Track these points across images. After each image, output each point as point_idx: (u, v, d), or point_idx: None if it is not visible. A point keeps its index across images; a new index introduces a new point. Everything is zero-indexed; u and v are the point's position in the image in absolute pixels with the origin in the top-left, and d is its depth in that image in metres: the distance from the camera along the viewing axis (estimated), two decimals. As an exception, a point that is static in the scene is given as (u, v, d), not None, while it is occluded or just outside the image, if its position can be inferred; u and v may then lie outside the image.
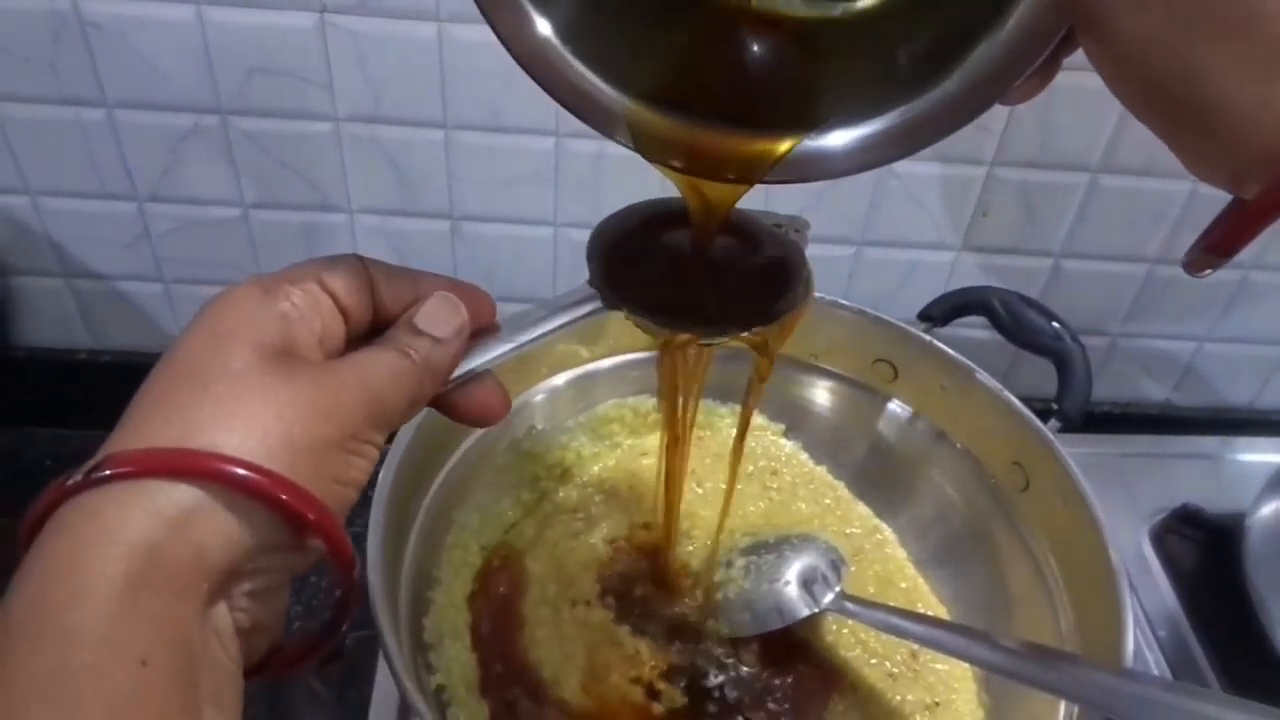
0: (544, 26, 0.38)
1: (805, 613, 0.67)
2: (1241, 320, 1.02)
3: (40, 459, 1.00)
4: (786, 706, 0.67)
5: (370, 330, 0.41)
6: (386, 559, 0.60)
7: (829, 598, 0.68)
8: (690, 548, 0.74)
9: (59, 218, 0.93)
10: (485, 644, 0.68)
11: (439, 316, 0.41)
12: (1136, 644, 0.74)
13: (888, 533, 0.79)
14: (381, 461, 0.62)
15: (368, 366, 0.38)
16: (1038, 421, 0.71)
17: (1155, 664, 0.79)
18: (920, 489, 0.79)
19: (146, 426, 0.34)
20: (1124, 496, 0.92)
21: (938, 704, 0.68)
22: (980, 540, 0.74)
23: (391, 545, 0.62)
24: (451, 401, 0.43)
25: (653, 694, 0.67)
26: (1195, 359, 1.05)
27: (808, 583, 0.68)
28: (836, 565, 0.70)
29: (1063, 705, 0.61)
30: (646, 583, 0.73)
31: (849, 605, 0.67)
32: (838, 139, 0.38)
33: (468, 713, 0.63)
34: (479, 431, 0.75)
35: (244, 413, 0.34)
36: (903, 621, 0.65)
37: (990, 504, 0.74)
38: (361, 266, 0.41)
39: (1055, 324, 0.75)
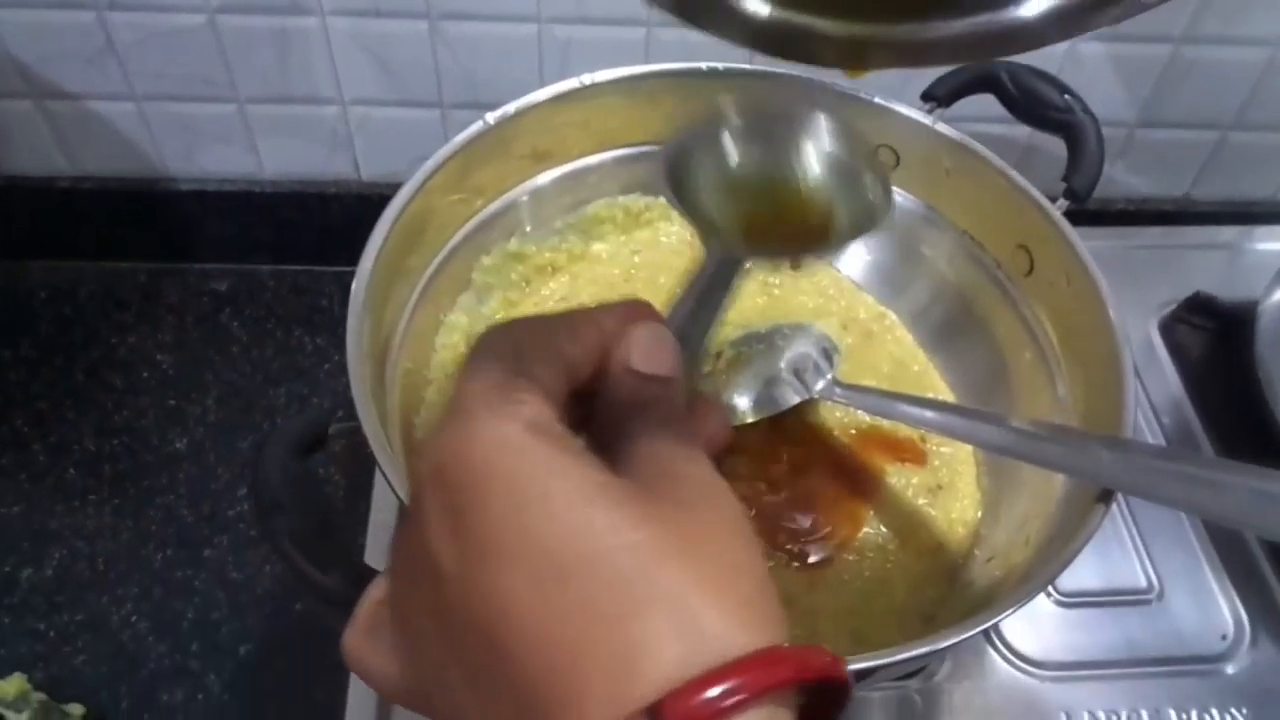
0: None
1: (796, 399, 0.66)
2: (1269, 106, 0.96)
3: (34, 290, 0.99)
4: (784, 495, 0.67)
5: None
6: (370, 354, 0.59)
7: (820, 384, 0.67)
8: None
9: (17, 31, 0.88)
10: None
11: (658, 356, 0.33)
12: (1139, 430, 0.74)
13: (894, 317, 0.77)
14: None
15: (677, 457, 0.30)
16: (1044, 200, 0.68)
17: (1158, 447, 0.79)
18: (922, 275, 0.77)
19: (612, 651, 0.24)
20: (1134, 289, 0.88)
21: (940, 487, 0.68)
22: (982, 324, 0.72)
23: (375, 345, 0.61)
24: None
25: None
26: (1217, 150, 1.00)
27: (799, 371, 0.67)
28: (829, 353, 0.69)
29: (1060, 483, 0.60)
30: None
31: (840, 391, 0.66)
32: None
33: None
34: (461, 234, 0.73)
35: (709, 589, 0.25)
36: (896, 404, 0.64)
37: (993, 288, 0.72)
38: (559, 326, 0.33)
39: (1067, 96, 0.71)
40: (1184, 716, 0.67)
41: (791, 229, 0.50)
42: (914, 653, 0.47)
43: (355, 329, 0.58)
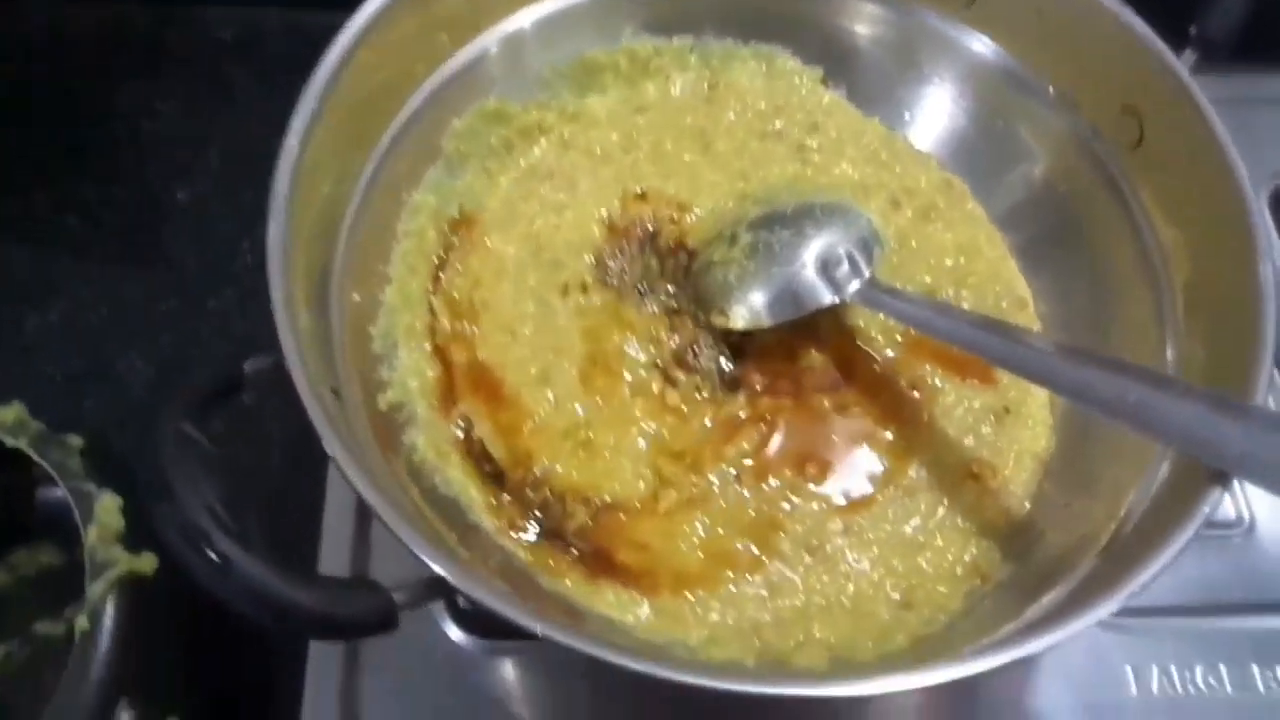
0: None
1: (823, 302, 0.54)
2: None
3: (32, 35, 0.90)
4: (807, 417, 0.56)
5: None
6: (305, 254, 0.47)
7: (854, 286, 0.54)
8: (695, 217, 0.61)
9: None
10: (449, 349, 0.56)
11: None
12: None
13: (964, 186, 0.63)
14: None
15: None
16: (1163, 47, 0.53)
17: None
18: (1000, 147, 0.62)
19: None
20: (1245, 151, 0.74)
21: (1008, 410, 0.56)
22: (1073, 216, 0.59)
23: (312, 240, 0.49)
24: None
25: (669, 380, 0.56)
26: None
27: (829, 266, 0.55)
28: (868, 244, 0.56)
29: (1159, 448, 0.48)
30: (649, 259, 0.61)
31: (880, 295, 0.54)
32: None
33: (429, 436, 0.52)
34: (427, 89, 0.59)
35: None
36: (949, 321, 0.51)
37: (1088, 165, 0.58)
38: None
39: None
40: (1270, 673, 0.58)
41: None
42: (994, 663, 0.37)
43: (280, 215, 0.46)
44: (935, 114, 0.64)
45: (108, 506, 0.56)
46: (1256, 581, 0.61)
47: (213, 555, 0.33)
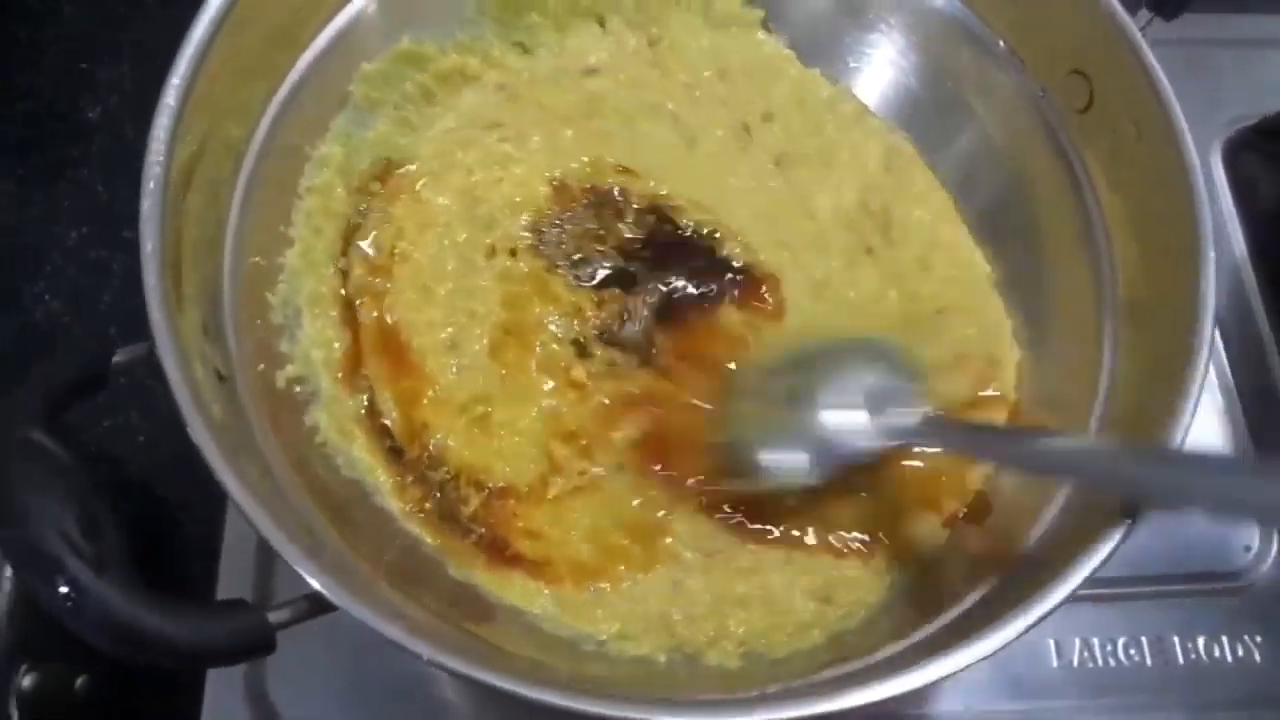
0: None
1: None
2: None
3: None
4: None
5: None
6: (190, 214, 0.44)
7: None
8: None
9: None
10: (359, 308, 0.53)
11: None
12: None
13: (910, 149, 0.60)
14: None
15: None
16: (1117, 6, 0.50)
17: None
18: (945, 106, 0.59)
19: None
20: (1197, 99, 0.71)
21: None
22: (1020, 182, 0.56)
23: (200, 194, 0.45)
24: None
25: (583, 353, 0.54)
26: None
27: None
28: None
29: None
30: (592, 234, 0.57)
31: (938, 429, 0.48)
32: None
33: (332, 413, 0.49)
34: (332, 29, 0.54)
35: None
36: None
37: (1035, 129, 0.55)
38: None
39: None
40: (1190, 645, 0.58)
41: None
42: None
43: (157, 171, 0.42)
44: (881, 66, 0.60)
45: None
46: (1183, 556, 0.60)
47: (62, 585, 0.30)
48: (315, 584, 0.34)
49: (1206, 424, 0.63)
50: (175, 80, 0.44)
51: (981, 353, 0.55)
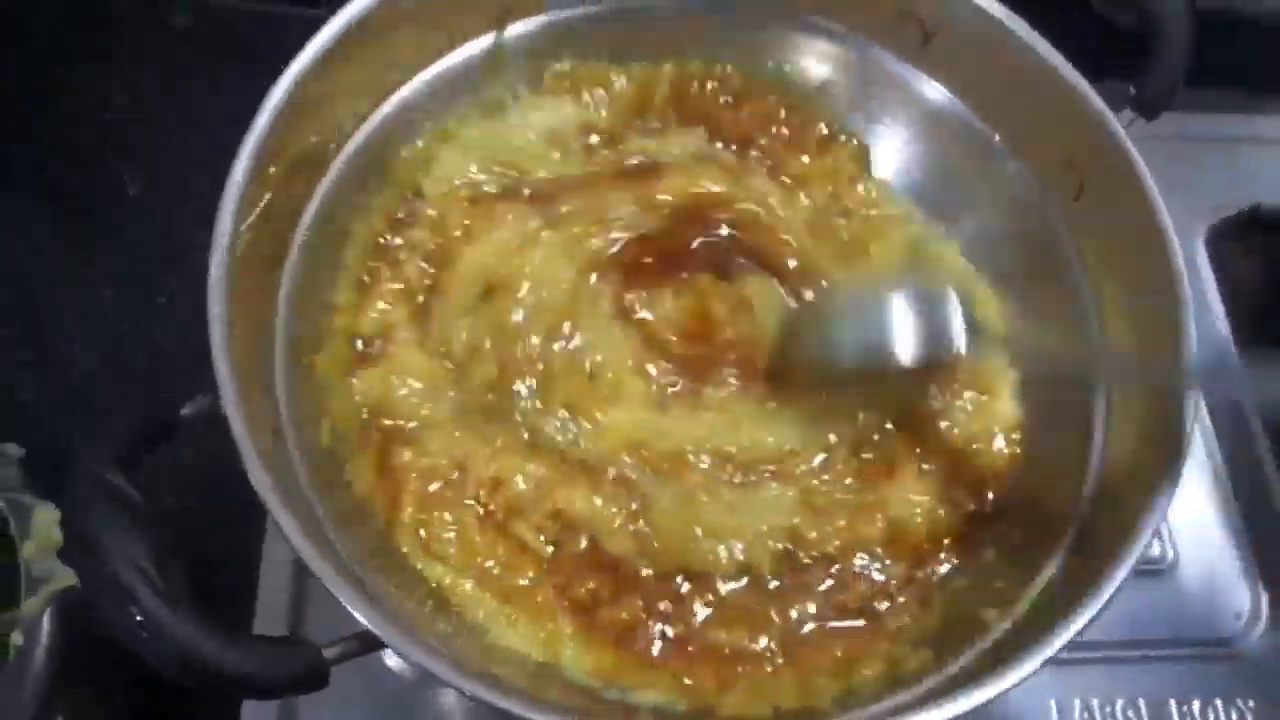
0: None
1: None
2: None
3: None
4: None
5: None
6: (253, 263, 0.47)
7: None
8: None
9: None
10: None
11: None
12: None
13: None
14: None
15: None
16: (1102, 106, 0.54)
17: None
18: (948, 193, 0.63)
19: None
20: (1181, 189, 0.75)
21: None
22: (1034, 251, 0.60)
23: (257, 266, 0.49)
24: None
25: None
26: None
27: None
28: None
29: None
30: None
31: None
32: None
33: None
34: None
35: None
36: None
37: (1033, 216, 0.59)
38: None
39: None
40: (1186, 709, 0.60)
41: None
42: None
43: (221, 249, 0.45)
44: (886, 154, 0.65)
45: (44, 519, 0.55)
46: (1177, 620, 0.63)
47: (138, 616, 0.33)
48: (370, 626, 0.36)
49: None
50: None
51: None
